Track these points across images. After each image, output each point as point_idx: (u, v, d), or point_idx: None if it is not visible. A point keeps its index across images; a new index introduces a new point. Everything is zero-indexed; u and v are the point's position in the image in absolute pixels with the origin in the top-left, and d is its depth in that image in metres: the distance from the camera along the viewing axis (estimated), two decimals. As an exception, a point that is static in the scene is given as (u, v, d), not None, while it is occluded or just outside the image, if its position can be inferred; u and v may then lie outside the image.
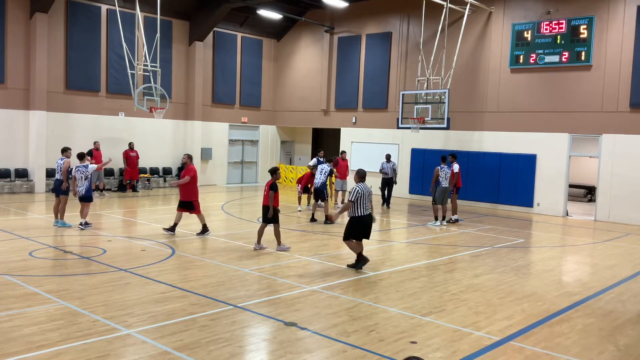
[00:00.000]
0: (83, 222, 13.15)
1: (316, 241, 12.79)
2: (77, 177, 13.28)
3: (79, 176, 13.26)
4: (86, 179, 13.25)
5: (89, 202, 13.35)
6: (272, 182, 11.18)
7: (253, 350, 6.22)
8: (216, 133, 25.60)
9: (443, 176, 15.70)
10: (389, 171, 19.85)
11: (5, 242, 11.41)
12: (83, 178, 13.25)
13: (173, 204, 19.57)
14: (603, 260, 12.03)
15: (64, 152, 13.91)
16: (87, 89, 21.30)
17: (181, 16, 23.97)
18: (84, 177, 13.25)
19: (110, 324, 6.74)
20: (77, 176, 13.27)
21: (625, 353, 6.53)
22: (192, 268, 9.77)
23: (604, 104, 18.20)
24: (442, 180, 15.68)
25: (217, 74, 25.45)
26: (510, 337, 6.85)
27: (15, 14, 19.52)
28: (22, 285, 8.29)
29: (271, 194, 11.04)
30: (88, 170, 13.29)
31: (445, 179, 15.70)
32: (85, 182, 13.24)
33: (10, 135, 19.65)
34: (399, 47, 23.20)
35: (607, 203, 18.15)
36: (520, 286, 9.38)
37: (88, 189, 13.30)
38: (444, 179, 15.69)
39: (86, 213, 13.28)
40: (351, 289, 8.73)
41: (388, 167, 19.85)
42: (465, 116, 21.09)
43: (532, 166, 19.64)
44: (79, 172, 13.27)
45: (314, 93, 26.23)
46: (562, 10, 18.94)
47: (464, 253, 12.09)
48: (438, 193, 15.68)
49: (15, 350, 5.84)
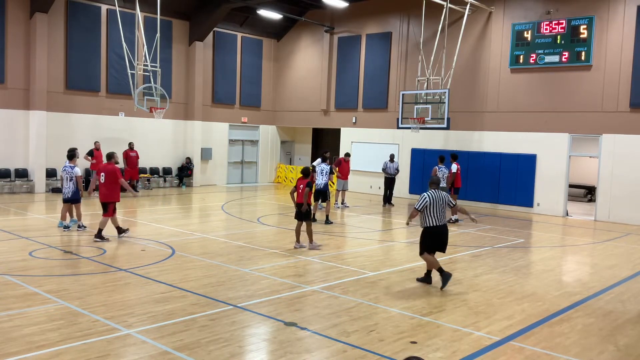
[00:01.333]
0: (81, 224, 13.02)
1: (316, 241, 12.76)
2: (64, 177, 12.97)
3: (65, 176, 12.93)
4: (70, 181, 12.85)
5: (77, 203, 13.02)
6: (308, 181, 11.46)
7: (253, 350, 6.22)
8: (216, 133, 25.59)
9: (440, 176, 15.81)
10: (392, 171, 19.89)
11: (5, 242, 11.41)
12: (68, 179, 12.88)
13: (173, 204, 19.60)
14: (603, 260, 12.02)
15: (72, 157, 13.13)
16: (87, 89, 21.29)
17: (181, 16, 23.96)
18: (68, 177, 12.88)
19: (110, 324, 6.74)
20: (64, 176, 12.97)
21: (625, 353, 6.53)
22: (192, 268, 9.77)
23: (604, 104, 18.20)
24: (441, 180, 15.71)
25: (217, 74, 25.44)
26: (510, 337, 6.85)
27: (15, 14, 19.52)
28: (22, 285, 8.29)
29: (306, 191, 11.34)
30: (73, 173, 12.87)
31: (443, 179, 15.77)
32: (70, 183, 12.83)
33: (10, 135, 19.64)
34: (399, 47, 23.20)
35: (607, 203, 18.15)
36: (520, 286, 9.38)
37: (75, 191, 12.88)
38: (441, 179, 15.76)
39: (79, 214, 13.06)
40: (351, 289, 8.73)
41: (392, 167, 19.88)
42: (465, 116, 21.09)
43: (532, 166, 19.64)
44: (64, 172, 12.94)
45: (314, 93, 26.22)
46: (562, 10, 18.94)
47: (464, 253, 12.09)
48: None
49: (15, 350, 5.84)
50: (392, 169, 19.92)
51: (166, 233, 13.04)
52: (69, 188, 12.89)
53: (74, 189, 12.91)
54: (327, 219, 15.50)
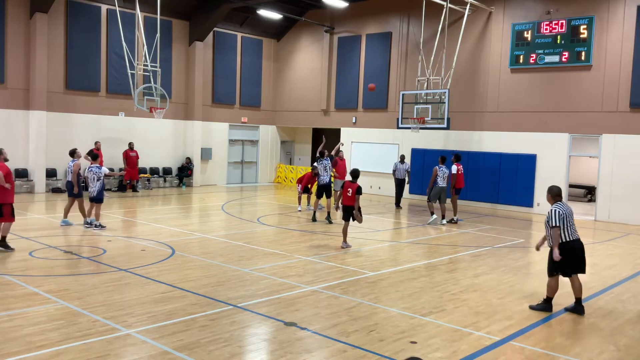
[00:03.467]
0: (98, 223, 13.22)
1: (316, 241, 12.78)
2: (90, 177, 13.32)
3: (91, 177, 13.30)
4: (98, 180, 13.28)
5: (99, 203, 13.36)
6: (358, 186, 11.64)
7: (253, 350, 6.22)
8: (216, 133, 25.59)
9: (441, 176, 15.84)
10: (403, 173, 19.78)
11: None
12: (95, 179, 13.27)
13: (173, 204, 19.60)
14: (603, 260, 12.03)
15: (74, 154, 13.82)
16: (87, 89, 21.29)
17: (181, 16, 23.96)
18: (95, 178, 13.27)
19: (110, 324, 6.74)
20: (90, 177, 13.32)
21: (625, 353, 6.53)
22: (192, 268, 9.77)
23: (603, 104, 18.20)
24: (440, 180, 15.82)
25: (217, 74, 25.44)
26: (510, 337, 6.85)
27: (15, 14, 19.52)
28: (22, 285, 8.29)
29: (357, 198, 11.57)
30: (101, 172, 13.33)
31: (443, 179, 15.83)
32: (98, 183, 13.27)
33: (10, 135, 19.63)
34: (399, 47, 23.19)
35: (607, 203, 18.14)
36: (520, 286, 9.38)
37: (100, 191, 13.32)
38: (441, 179, 15.81)
39: (98, 214, 13.33)
40: (351, 289, 8.73)
41: (402, 168, 19.77)
42: (465, 116, 21.09)
43: (532, 166, 19.64)
44: (91, 173, 13.32)
45: (314, 93, 26.22)
46: (562, 10, 18.94)
47: (464, 253, 12.09)
48: (433, 192, 15.89)
49: (15, 350, 5.84)
50: (402, 171, 19.75)
51: (166, 233, 13.04)
52: (95, 187, 13.24)
53: (100, 187, 13.32)
54: (328, 216, 15.65)
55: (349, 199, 11.75)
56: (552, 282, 8.01)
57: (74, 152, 13.81)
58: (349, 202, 11.78)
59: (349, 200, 11.76)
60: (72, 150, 13.94)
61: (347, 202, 11.81)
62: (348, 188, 11.80)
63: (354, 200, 11.64)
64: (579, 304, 7.96)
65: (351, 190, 11.71)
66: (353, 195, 11.65)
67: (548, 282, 8.06)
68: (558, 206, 7.87)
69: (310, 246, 12.15)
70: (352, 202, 11.70)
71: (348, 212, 11.87)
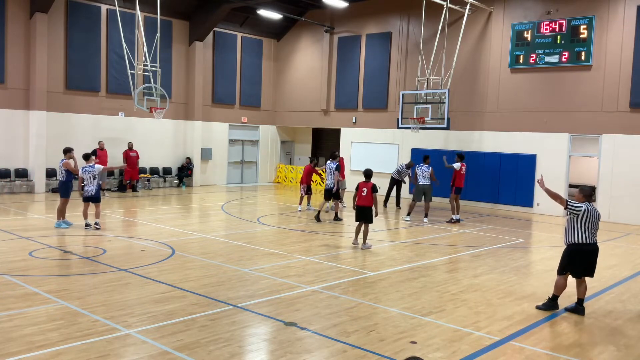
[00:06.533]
0: (97, 222, 13.19)
1: (316, 241, 12.78)
2: (85, 177, 13.29)
3: (86, 176, 13.26)
4: (94, 179, 13.25)
5: (97, 202, 13.34)
6: (373, 185, 11.70)
7: (253, 350, 6.22)
8: (216, 133, 25.59)
9: (420, 174, 16.40)
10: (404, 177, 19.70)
11: (5, 242, 11.41)
12: (91, 178, 13.24)
13: (173, 204, 19.60)
14: (603, 260, 11.98)
15: (66, 153, 13.79)
16: (87, 89, 21.29)
17: (181, 16, 23.96)
18: (91, 177, 13.24)
19: (110, 324, 6.74)
20: (85, 176, 13.29)
21: (625, 353, 6.53)
22: (192, 268, 9.77)
23: (603, 104, 18.20)
24: (421, 178, 16.40)
25: (217, 74, 25.44)
26: (510, 337, 6.85)
27: (15, 14, 19.52)
28: (22, 285, 8.29)
29: (374, 196, 11.62)
30: (95, 170, 13.28)
31: (424, 177, 16.35)
32: (94, 181, 13.24)
33: (10, 135, 19.64)
34: (399, 47, 23.19)
35: (607, 203, 18.14)
36: (520, 286, 9.38)
37: (97, 190, 13.30)
38: (421, 177, 16.37)
39: (98, 212, 13.31)
40: (351, 289, 8.73)
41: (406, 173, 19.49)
42: (465, 116, 21.09)
43: (532, 166, 19.64)
44: (86, 173, 13.27)
45: (314, 93, 26.22)
46: (562, 10, 18.94)
47: (464, 253, 12.09)
48: (416, 191, 16.63)
49: (15, 350, 5.84)
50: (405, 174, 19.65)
51: (166, 233, 13.04)
52: (92, 187, 13.21)
53: (97, 186, 13.29)
54: (335, 216, 15.94)
55: (364, 199, 11.69)
56: (561, 280, 8.01)
57: (88, 155, 13.66)
58: (363, 202, 11.71)
59: (364, 201, 11.69)
60: (65, 149, 13.85)
61: (362, 202, 11.73)
62: (363, 188, 11.75)
63: (370, 199, 11.62)
64: (580, 304, 7.96)
65: (366, 190, 11.67)
66: (369, 195, 11.62)
67: (556, 281, 8.08)
68: (589, 206, 7.91)
69: (310, 246, 12.15)
70: (367, 202, 11.66)
71: (362, 212, 11.79)
